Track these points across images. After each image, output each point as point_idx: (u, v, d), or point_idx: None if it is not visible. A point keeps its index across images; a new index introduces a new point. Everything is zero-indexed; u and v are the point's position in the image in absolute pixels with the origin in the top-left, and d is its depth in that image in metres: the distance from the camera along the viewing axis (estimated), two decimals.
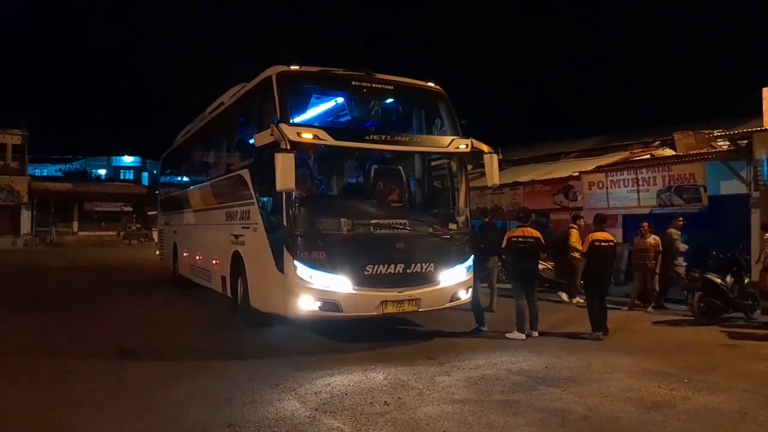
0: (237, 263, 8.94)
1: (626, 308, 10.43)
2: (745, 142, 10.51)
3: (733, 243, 10.80)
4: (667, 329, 8.85)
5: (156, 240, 20.79)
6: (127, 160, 64.69)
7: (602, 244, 8.10)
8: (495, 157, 8.43)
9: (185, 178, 14.11)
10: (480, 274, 8.86)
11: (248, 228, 8.45)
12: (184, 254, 13.27)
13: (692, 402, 5.19)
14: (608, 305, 8.52)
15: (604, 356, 7.00)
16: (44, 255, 27.14)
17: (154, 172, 47.83)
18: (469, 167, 9.95)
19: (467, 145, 8.17)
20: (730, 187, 11.46)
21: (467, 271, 8.18)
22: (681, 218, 10.68)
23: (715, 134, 12.32)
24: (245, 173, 8.58)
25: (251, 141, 8.05)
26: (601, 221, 8.58)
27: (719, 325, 8.79)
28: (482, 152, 8.36)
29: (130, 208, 43.10)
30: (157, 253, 17.28)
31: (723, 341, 7.86)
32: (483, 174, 8.74)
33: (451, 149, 8.13)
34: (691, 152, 12.48)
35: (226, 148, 10.61)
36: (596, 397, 5.35)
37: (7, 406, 5.16)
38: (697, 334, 8.41)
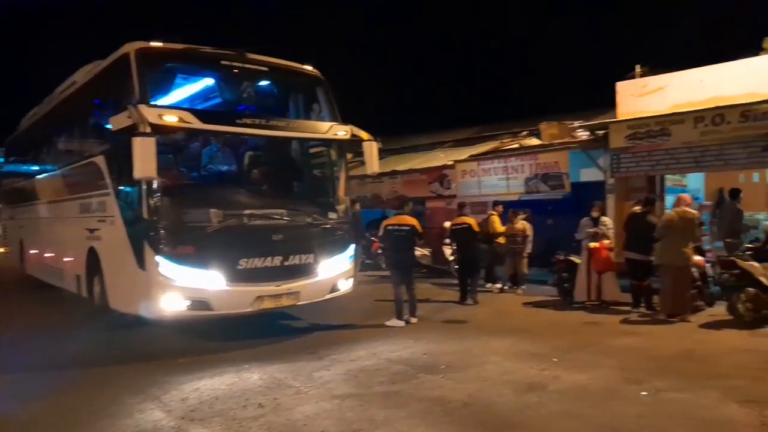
0: (93, 260, 8.06)
1: (497, 290, 10.90)
2: (603, 132, 11.27)
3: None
4: (537, 310, 9.29)
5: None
6: None
7: (460, 227, 9.03)
8: (375, 144, 8.30)
9: (33, 167, 12.55)
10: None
11: (105, 221, 7.62)
12: (33, 252, 11.87)
13: (563, 381, 5.39)
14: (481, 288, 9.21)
15: (481, 339, 7.15)
16: None
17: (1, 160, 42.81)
18: (349, 156, 9.78)
19: (347, 132, 7.95)
20: (590, 174, 12.28)
21: (348, 260, 8.00)
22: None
23: (576, 125, 13.13)
24: (100, 160, 7.72)
25: (107, 124, 7.23)
26: (461, 207, 9.98)
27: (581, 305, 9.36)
28: (362, 140, 8.19)
29: None
30: (1, 250, 15.37)
31: (587, 319, 8.35)
32: (363, 162, 8.59)
33: (329, 136, 7.87)
34: (555, 141, 13.21)
35: (78, 132, 9.51)
36: (475, 383, 5.39)
37: None
38: (564, 313, 8.90)
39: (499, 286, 11.08)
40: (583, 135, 12.64)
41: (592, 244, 9.21)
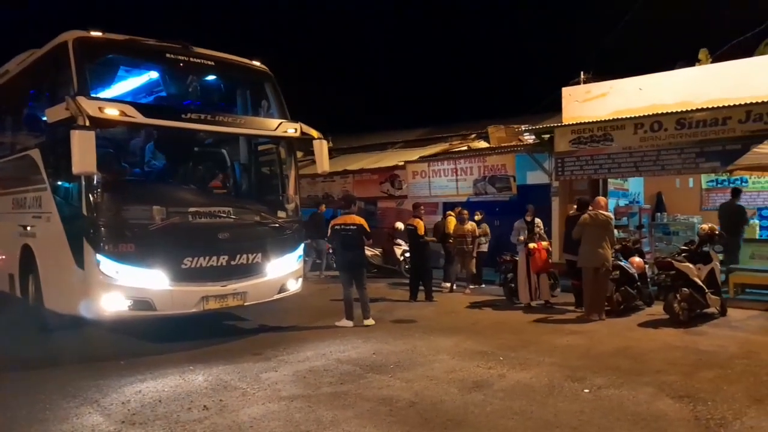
0: (27, 258, 7.67)
1: (447, 290, 11.05)
2: (548, 136, 11.58)
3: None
4: (484, 309, 9.44)
5: None
6: None
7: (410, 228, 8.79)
8: (325, 143, 8.24)
9: None
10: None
11: (40, 217, 7.28)
12: None
13: (508, 379, 5.50)
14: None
15: (429, 338, 7.21)
16: None
17: None
18: (300, 154, 9.68)
19: (296, 130, 7.86)
20: (535, 177, 12.60)
21: (297, 260, 7.92)
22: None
23: (523, 128, 13.43)
24: (35, 153, 7.38)
25: (43, 117, 6.90)
26: (415, 207, 10.38)
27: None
28: (312, 138, 8.12)
29: None
30: None
31: (531, 318, 8.55)
32: (313, 161, 8.52)
33: (278, 133, 7.76)
34: (503, 145, 13.47)
35: (11, 124, 9.04)
36: (422, 381, 5.43)
37: None
38: (509, 313, 9.08)
39: (448, 285, 11.22)
40: (529, 138, 12.95)
41: (531, 245, 9.43)
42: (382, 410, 4.69)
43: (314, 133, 8.10)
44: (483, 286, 11.46)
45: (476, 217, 11.59)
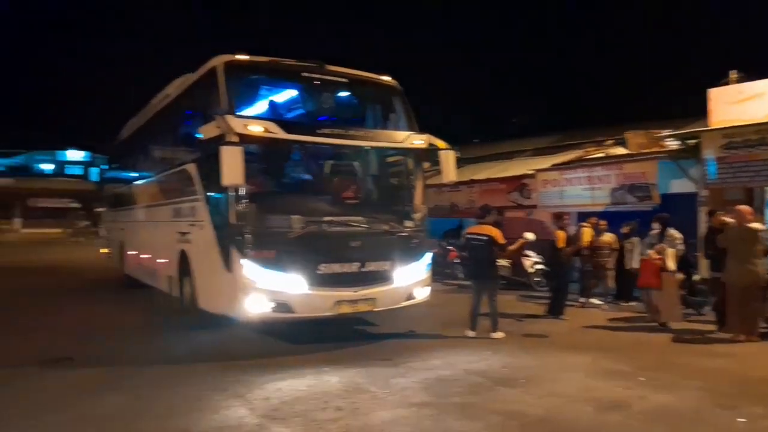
0: (184, 262, 8.52)
1: (579, 305, 10.51)
2: (694, 141, 10.69)
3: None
4: (622, 327, 8.88)
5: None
6: (76, 155, 62.06)
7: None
8: (451, 153, 8.29)
9: (132, 173, 13.47)
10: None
11: (195, 225, 8.05)
12: (131, 253, 12.68)
13: (649, 401, 5.14)
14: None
15: (561, 355, 6.94)
16: None
17: (103, 167, 46.10)
18: (426, 165, 9.80)
19: (423, 141, 8.00)
20: (681, 185, 11.66)
21: (425, 269, 8.01)
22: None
23: (665, 134, 12.51)
24: (191, 168, 8.18)
25: (198, 134, 7.65)
26: (557, 218, 9.49)
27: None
28: (439, 149, 8.21)
29: (77, 205, 41.41)
30: (103, 251, 16.53)
31: (676, 338, 7.92)
32: (440, 171, 8.59)
33: (406, 145, 7.94)
34: (643, 151, 12.65)
35: (171, 141, 10.12)
36: (554, 398, 5.24)
37: None
38: (650, 331, 8.46)
39: (585, 300, 10.65)
40: (672, 144, 12.02)
41: (643, 257, 8.83)
42: (512, 424, 4.61)
43: (441, 144, 8.19)
44: (628, 303, 10.51)
45: (624, 230, 10.58)
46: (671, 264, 8.62)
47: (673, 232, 8.93)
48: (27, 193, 39.45)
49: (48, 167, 58.74)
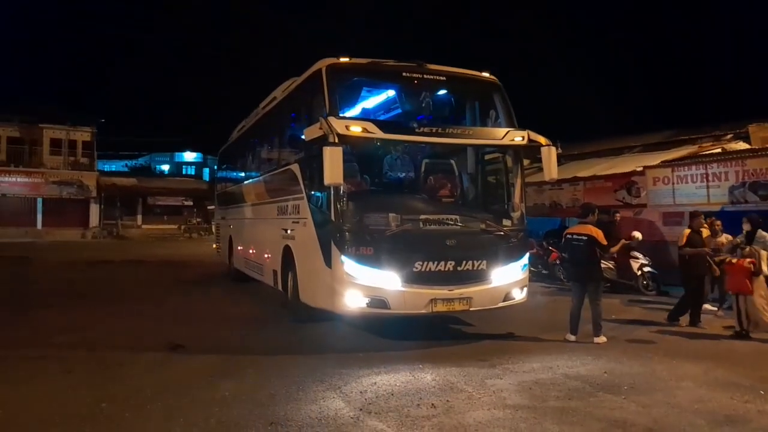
0: (287, 257, 8.91)
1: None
2: None
3: None
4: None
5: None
6: (190, 156, 66.73)
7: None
8: (553, 150, 8.02)
9: (240, 173, 14.29)
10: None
11: (298, 222, 8.40)
12: (239, 248, 13.44)
13: None
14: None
15: (670, 362, 6.54)
16: (109, 248, 28.21)
17: (214, 167, 49.19)
18: (526, 162, 9.57)
19: (523, 138, 7.82)
20: None
21: (522, 269, 7.84)
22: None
23: None
24: (296, 168, 8.53)
25: (302, 135, 7.98)
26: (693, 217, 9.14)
27: None
28: (540, 145, 7.98)
29: (190, 203, 44.37)
30: (214, 246, 17.63)
31: None
32: (540, 169, 8.36)
33: (505, 142, 7.80)
34: None
35: (277, 142, 10.63)
36: (661, 408, 4.96)
37: (59, 397, 5.25)
38: None
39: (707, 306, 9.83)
40: None
41: (729, 260, 8.13)
42: None
43: (542, 140, 7.95)
44: (725, 308, 9.70)
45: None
46: (765, 268, 7.98)
47: (765, 234, 8.29)
48: (147, 192, 42.71)
49: (166, 167, 63.61)
